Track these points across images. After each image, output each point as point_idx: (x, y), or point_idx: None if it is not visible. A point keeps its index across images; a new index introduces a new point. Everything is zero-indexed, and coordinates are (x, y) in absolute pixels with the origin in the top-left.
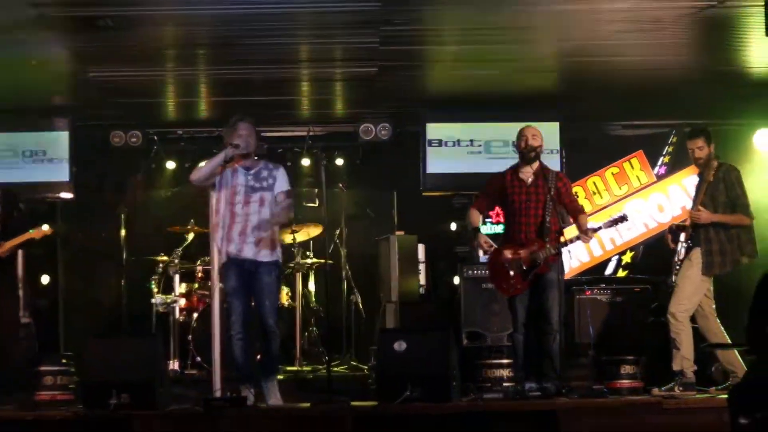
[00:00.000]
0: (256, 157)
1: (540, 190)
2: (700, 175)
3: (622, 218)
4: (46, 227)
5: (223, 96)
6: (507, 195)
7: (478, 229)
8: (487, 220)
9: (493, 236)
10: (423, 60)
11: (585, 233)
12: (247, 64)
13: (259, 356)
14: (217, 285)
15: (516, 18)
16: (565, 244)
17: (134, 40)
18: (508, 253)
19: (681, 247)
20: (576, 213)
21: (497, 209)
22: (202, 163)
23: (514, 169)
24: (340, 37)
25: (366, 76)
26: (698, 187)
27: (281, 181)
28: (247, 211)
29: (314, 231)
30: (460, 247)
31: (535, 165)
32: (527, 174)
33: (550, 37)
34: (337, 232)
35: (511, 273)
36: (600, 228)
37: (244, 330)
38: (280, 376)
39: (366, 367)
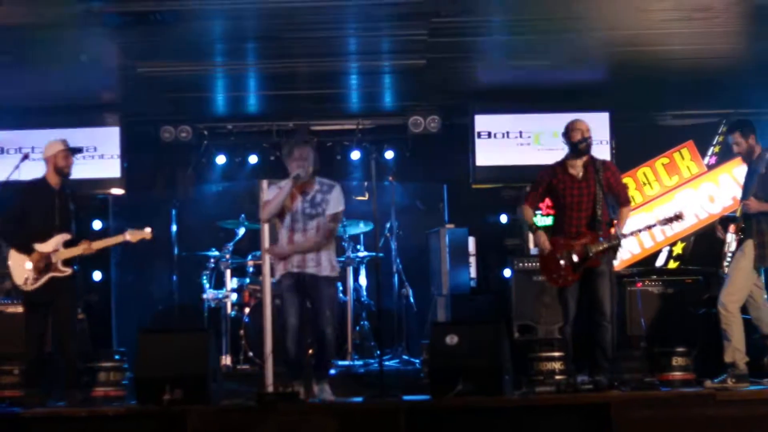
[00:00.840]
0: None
1: (591, 183)
2: (749, 165)
3: (678, 216)
4: (147, 230)
5: (273, 90)
6: (558, 190)
7: (536, 227)
8: (537, 212)
9: (544, 228)
10: (472, 51)
11: (618, 234)
12: (296, 57)
13: (311, 352)
14: (268, 280)
15: (565, 8)
16: (617, 238)
17: (183, 34)
18: (559, 245)
19: (730, 238)
20: (621, 204)
21: (547, 201)
22: (269, 195)
23: (563, 163)
24: (388, 30)
25: (415, 68)
26: (748, 178)
27: (332, 204)
28: (307, 239)
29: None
30: (510, 240)
31: (585, 157)
32: (577, 168)
33: (599, 27)
34: (388, 225)
35: (562, 264)
36: (654, 225)
37: (299, 326)
38: (332, 370)
39: (418, 361)
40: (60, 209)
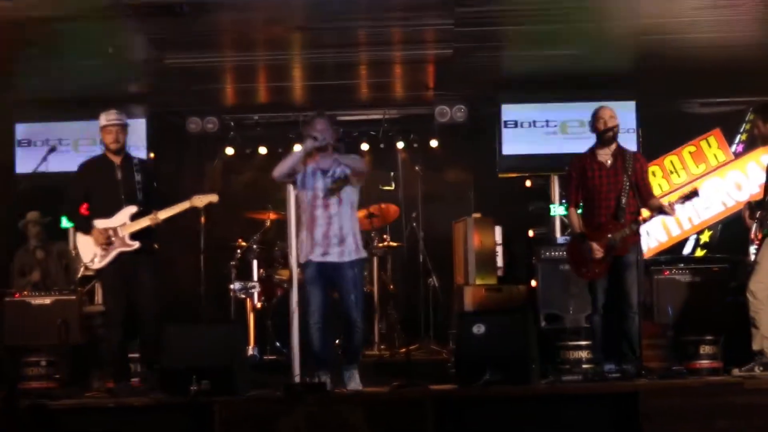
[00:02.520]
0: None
1: (619, 172)
2: None
3: (693, 194)
4: (213, 195)
5: (300, 81)
6: (587, 178)
7: (584, 236)
8: (563, 201)
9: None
10: (498, 41)
11: (664, 209)
12: (323, 48)
13: (338, 342)
14: (296, 270)
15: None
16: (643, 222)
17: (209, 25)
18: (584, 240)
19: (756, 225)
20: (648, 197)
21: None
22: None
23: (592, 152)
24: (415, 20)
25: (441, 58)
26: None
27: (350, 159)
28: (329, 214)
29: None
30: (536, 229)
31: (613, 146)
32: (605, 156)
33: (625, 15)
34: (414, 215)
35: (589, 258)
36: (674, 203)
37: (323, 320)
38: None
39: (445, 350)
40: (124, 182)
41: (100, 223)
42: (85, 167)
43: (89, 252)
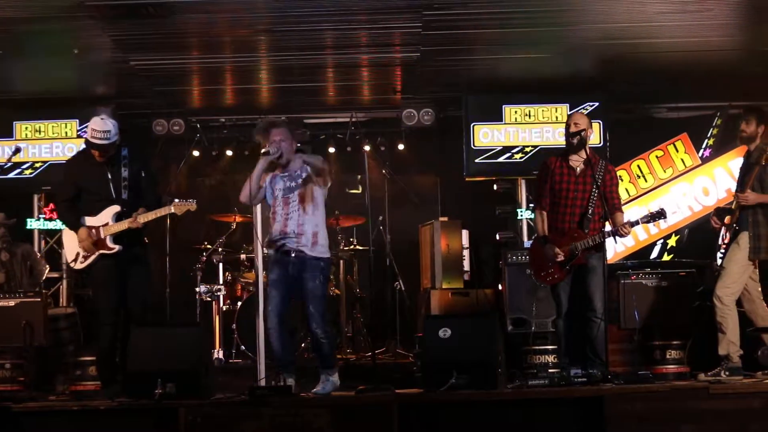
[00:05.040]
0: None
1: (588, 180)
2: (747, 156)
3: (660, 214)
4: (191, 203)
5: (266, 83)
6: (555, 182)
7: (546, 239)
8: (531, 205)
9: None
10: (465, 44)
11: (619, 230)
12: (289, 50)
13: (303, 345)
14: (261, 273)
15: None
16: (605, 236)
17: (175, 27)
18: (547, 243)
19: (724, 230)
20: (613, 210)
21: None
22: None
23: (564, 156)
24: (382, 23)
25: (408, 61)
26: (745, 170)
27: (311, 159)
28: (287, 211)
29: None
30: (503, 233)
31: (585, 153)
32: (576, 162)
33: (593, 19)
34: (381, 218)
35: (549, 262)
36: (637, 223)
37: (279, 322)
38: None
39: (411, 354)
40: (113, 178)
41: (87, 221)
42: (73, 162)
43: (73, 251)
